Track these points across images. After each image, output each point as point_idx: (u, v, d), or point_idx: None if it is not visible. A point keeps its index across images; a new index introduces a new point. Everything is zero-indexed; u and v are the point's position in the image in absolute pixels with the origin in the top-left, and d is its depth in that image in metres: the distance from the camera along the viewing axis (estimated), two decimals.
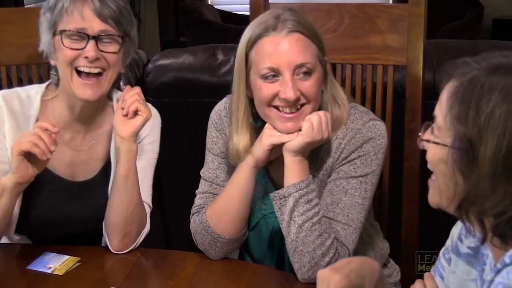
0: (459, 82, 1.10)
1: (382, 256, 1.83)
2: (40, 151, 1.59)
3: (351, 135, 1.64)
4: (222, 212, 1.67)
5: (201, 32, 5.26)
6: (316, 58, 1.59)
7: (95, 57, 1.68)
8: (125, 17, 1.73)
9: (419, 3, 1.87)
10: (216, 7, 6.09)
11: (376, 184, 1.67)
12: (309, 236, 1.57)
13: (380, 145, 1.64)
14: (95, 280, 1.63)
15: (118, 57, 1.72)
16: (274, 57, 1.56)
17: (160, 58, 2.65)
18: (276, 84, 1.57)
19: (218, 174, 1.75)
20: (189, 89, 2.54)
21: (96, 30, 1.68)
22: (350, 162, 1.63)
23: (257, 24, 1.60)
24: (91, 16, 1.68)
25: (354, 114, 1.67)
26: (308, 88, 1.57)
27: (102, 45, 1.69)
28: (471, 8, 5.60)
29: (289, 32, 1.56)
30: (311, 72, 1.57)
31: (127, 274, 1.66)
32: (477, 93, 1.07)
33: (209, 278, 1.67)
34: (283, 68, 1.56)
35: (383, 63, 1.92)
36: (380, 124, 1.66)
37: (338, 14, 1.94)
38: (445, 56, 2.39)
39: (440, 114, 1.12)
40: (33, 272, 1.65)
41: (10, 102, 1.76)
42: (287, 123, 1.60)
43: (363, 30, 1.93)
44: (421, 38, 1.87)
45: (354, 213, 1.62)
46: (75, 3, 1.69)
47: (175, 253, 1.81)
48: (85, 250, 1.74)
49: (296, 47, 1.55)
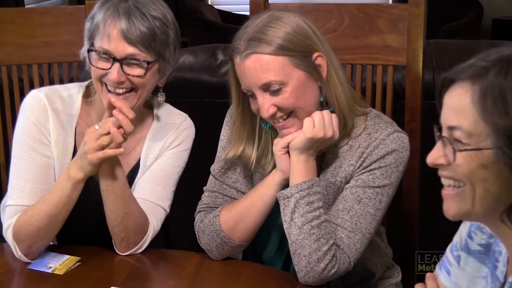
0: (480, 84, 1.06)
1: (387, 262, 1.83)
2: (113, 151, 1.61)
3: (375, 145, 1.62)
4: (239, 220, 1.66)
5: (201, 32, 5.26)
6: (287, 68, 1.55)
7: (118, 81, 1.65)
8: (158, 39, 1.65)
9: (419, 3, 1.87)
10: (216, 7, 6.09)
11: (392, 197, 1.65)
12: (306, 239, 1.56)
13: (403, 158, 1.63)
14: (95, 279, 1.63)
15: (145, 80, 1.67)
16: (242, 80, 1.58)
17: None
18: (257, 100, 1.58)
19: (230, 175, 1.74)
20: (190, 89, 2.54)
21: (122, 54, 1.63)
22: (370, 172, 1.61)
23: (234, 41, 1.59)
24: (119, 38, 1.63)
25: (378, 123, 1.65)
26: (282, 102, 1.56)
27: (127, 68, 1.65)
28: (470, 8, 5.61)
29: (246, 55, 1.54)
30: (282, 86, 1.55)
31: (127, 274, 1.66)
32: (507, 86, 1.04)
33: (209, 278, 1.67)
34: (253, 89, 1.56)
35: (383, 63, 1.92)
36: (404, 137, 1.64)
37: (338, 14, 1.94)
38: (445, 56, 2.39)
39: (466, 121, 1.07)
40: (34, 271, 1.66)
41: (53, 102, 1.76)
42: (283, 131, 1.61)
43: (363, 30, 1.93)
44: (421, 38, 1.87)
45: (364, 223, 1.60)
46: (105, 20, 1.64)
47: (175, 253, 1.81)
48: (86, 250, 1.74)
49: (255, 69, 1.54)
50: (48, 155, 1.74)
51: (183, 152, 1.84)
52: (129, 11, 1.63)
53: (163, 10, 1.70)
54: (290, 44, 1.55)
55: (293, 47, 1.55)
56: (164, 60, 1.70)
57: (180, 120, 1.86)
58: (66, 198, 1.66)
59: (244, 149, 1.68)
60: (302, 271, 1.58)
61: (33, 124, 1.74)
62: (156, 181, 1.79)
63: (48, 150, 1.75)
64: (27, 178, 1.72)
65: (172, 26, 1.71)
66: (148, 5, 1.66)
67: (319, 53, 1.59)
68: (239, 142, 1.68)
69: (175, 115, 1.87)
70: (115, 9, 1.64)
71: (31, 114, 1.75)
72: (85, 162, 1.63)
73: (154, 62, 1.67)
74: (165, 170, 1.80)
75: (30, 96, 1.78)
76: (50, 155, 1.75)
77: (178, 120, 1.86)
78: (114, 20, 1.63)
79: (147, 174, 1.80)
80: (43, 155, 1.74)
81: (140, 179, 1.79)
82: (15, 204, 1.71)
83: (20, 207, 1.70)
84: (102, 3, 1.68)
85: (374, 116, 1.67)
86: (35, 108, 1.75)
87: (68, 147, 1.77)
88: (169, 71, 1.76)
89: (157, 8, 1.68)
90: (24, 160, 1.73)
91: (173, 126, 1.84)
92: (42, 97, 1.76)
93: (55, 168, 1.75)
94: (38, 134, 1.74)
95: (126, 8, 1.64)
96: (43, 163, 1.74)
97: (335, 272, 1.57)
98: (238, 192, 1.73)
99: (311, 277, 1.57)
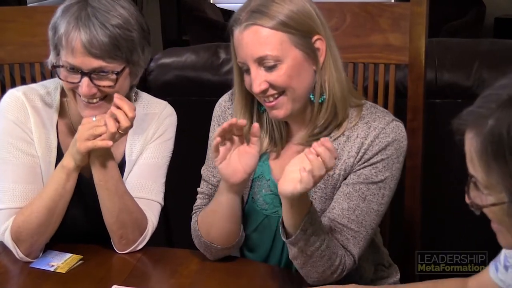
0: (481, 137, 1.02)
1: (381, 261, 1.81)
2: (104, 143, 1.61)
3: (375, 134, 1.59)
4: (210, 225, 1.65)
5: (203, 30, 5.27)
6: (286, 45, 1.53)
7: (89, 94, 1.62)
8: (123, 46, 1.60)
9: (421, 2, 1.86)
10: (218, 6, 6.10)
11: (394, 190, 1.63)
12: (318, 261, 1.52)
13: (403, 147, 1.61)
14: (97, 278, 1.64)
15: (117, 88, 1.65)
16: (239, 51, 1.56)
17: (162, 56, 2.65)
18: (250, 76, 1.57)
19: (215, 174, 1.72)
20: (192, 88, 2.55)
21: (88, 67, 1.60)
22: (373, 166, 1.59)
23: (235, 12, 1.59)
24: (82, 52, 1.58)
25: (375, 113, 1.63)
26: (275, 79, 1.54)
27: (97, 79, 1.62)
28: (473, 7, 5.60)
29: (246, 26, 1.53)
30: (277, 63, 1.54)
31: (130, 272, 1.66)
32: (505, 142, 0.99)
33: (211, 276, 1.67)
34: (248, 62, 1.55)
35: (385, 61, 1.92)
36: (401, 126, 1.63)
37: (340, 13, 1.94)
38: (447, 55, 2.40)
39: (480, 174, 1.04)
40: (36, 270, 1.66)
41: (32, 100, 1.75)
42: (272, 111, 1.59)
43: (365, 29, 1.93)
44: (423, 37, 1.87)
45: (368, 220, 1.59)
46: (67, 34, 1.59)
47: (177, 251, 1.82)
48: (88, 248, 1.75)
49: (252, 41, 1.53)
50: (33, 154, 1.73)
51: (167, 142, 1.83)
52: (88, 22, 1.58)
53: (124, 13, 1.63)
54: (292, 21, 1.54)
55: (295, 25, 1.54)
56: (134, 64, 1.67)
57: (160, 109, 1.84)
58: (61, 189, 1.66)
59: None
60: (311, 278, 1.56)
61: (14, 123, 1.73)
62: (145, 176, 1.78)
63: (32, 149, 1.73)
64: (16, 180, 1.71)
65: (136, 28, 1.64)
66: (108, 12, 1.60)
67: (320, 36, 1.58)
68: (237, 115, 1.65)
69: (155, 104, 1.86)
70: (75, 21, 1.59)
71: (11, 113, 1.73)
72: (75, 150, 1.63)
73: (123, 70, 1.64)
74: (152, 163, 1.79)
75: (7, 96, 1.76)
76: (35, 154, 1.73)
77: (158, 109, 1.84)
78: (75, 33, 1.58)
79: (135, 170, 1.79)
80: (28, 154, 1.73)
81: (129, 176, 1.79)
82: (8, 208, 1.70)
83: (13, 210, 1.69)
84: (63, 12, 1.62)
85: (370, 106, 1.66)
86: (14, 107, 1.73)
87: (52, 145, 1.76)
88: (142, 71, 1.74)
89: (117, 13, 1.61)
90: (10, 161, 1.71)
91: (154, 116, 1.83)
92: (20, 95, 1.74)
93: (41, 167, 1.74)
94: (20, 133, 1.73)
95: (86, 19, 1.58)
96: (29, 162, 1.73)
97: (344, 275, 1.57)
98: None
99: (320, 283, 1.56)
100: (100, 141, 1.61)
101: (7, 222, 1.69)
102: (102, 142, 1.61)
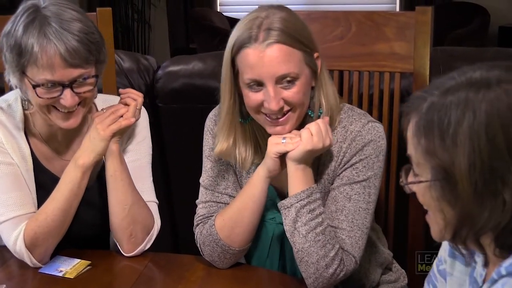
0: (418, 116, 1.09)
1: (384, 262, 1.82)
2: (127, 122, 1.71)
3: (351, 137, 1.63)
4: (234, 224, 1.66)
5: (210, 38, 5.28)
6: (301, 63, 1.56)
7: (73, 104, 1.63)
8: (93, 49, 1.61)
9: (426, 11, 1.88)
10: (225, 14, 6.12)
11: (379, 187, 1.67)
12: (312, 247, 1.56)
13: (381, 147, 1.64)
14: (105, 283, 1.65)
15: (95, 90, 1.68)
16: (256, 69, 1.55)
17: (170, 64, 2.67)
18: (260, 93, 1.57)
19: (219, 182, 1.74)
20: (199, 95, 2.56)
21: (69, 79, 1.60)
22: (352, 167, 1.63)
23: (241, 30, 1.59)
24: (62, 65, 1.57)
25: (352, 116, 1.66)
26: (292, 96, 1.56)
27: (78, 87, 1.62)
28: (477, 16, 5.61)
29: (269, 44, 1.53)
30: (295, 79, 1.56)
31: (137, 277, 1.68)
32: (436, 120, 1.05)
33: (218, 281, 1.68)
34: (266, 80, 1.55)
35: (390, 70, 1.93)
36: (378, 126, 1.66)
37: (346, 22, 1.96)
38: (452, 63, 2.40)
39: (413, 153, 1.10)
40: (45, 275, 1.68)
41: None
42: (276, 127, 1.60)
43: (370, 37, 1.94)
44: (427, 45, 1.88)
45: (359, 219, 1.61)
46: (41, 51, 1.55)
47: (184, 257, 1.83)
48: (96, 253, 1.76)
49: (277, 58, 1.53)
50: (11, 162, 1.73)
51: (143, 142, 1.85)
52: (59, 35, 1.56)
53: (80, 17, 1.63)
54: (305, 40, 1.58)
55: (307, 43, 1.58)
56: (102, 62, 1.69)
57: None
58: (77, 189, 1.69)
59: (228, 145, 1.66)
60: (310, 277, 1.58)
61: None
62: (134, 179, 1.78)
63: (8, 158, 1.73)
64: (5, 190, 1.71)
65: (92, 26, 1.65)
66: (70, 21, 1.59)
67: (318, 53, 1.62)
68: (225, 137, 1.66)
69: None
70: (45, 38, 1.56)
71: None
72: (96, 141, 1.69)
73: (97, 71, 1.66)
74: (136, 166, 1.80)
75: None
76: (13, 162, 1.73)
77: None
78: (51, 48, 1.56)
79: None
80: (8, 164, 1.72)
81: None
82: (10, 218, 1.69)
83: (16, 218, 1.69)
84: (24, 30, 1.58)
85: (348, 109, 1.68)
86: None
87: (25, 154, 1.76)
88: (105, 63, 1.72)
89: (76, 19, 1.61)
90: None
91: None
92: None
93: (22, 174, 1.74)
94: None
95: (54, 32, 1.56)
96: (12, 171, 1.72)
97: (344, 275, 1.58)
98: (230, 197, 1.73)
99: (320, 283, 1.57)
100: (124, 120, 1.70)
101: (15, 231, 1.68)
102: (126, 121, 1.70)
